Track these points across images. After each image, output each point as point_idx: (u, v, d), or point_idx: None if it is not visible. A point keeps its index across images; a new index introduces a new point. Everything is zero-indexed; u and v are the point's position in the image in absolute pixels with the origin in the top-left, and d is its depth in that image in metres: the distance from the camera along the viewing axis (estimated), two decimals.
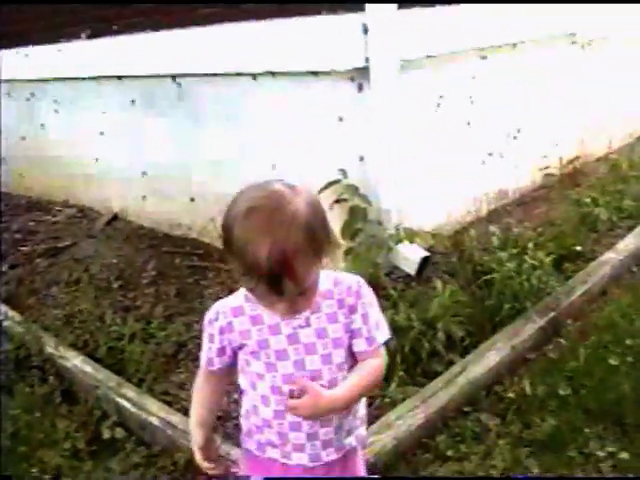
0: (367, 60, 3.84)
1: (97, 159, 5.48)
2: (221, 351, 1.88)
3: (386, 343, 1.93)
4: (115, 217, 5.41)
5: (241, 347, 1.84)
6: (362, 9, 3.79)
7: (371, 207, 3.92)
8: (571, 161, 5.15)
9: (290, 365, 1.82)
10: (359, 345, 1.85)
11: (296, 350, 1.81)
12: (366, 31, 3.80)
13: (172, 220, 4.99)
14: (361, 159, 3.98)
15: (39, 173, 6.19)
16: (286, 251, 1.57)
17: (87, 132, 5.50)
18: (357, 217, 3.88)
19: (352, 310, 1.83)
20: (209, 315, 1.88)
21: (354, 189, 3.89)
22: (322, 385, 1.80)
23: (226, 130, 4.47)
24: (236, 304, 1.82)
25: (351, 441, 1.95)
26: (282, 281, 1.60)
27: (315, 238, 1.63)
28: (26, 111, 6.13)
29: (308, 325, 1.80)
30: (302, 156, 4.05)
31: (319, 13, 3.82)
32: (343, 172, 3.89)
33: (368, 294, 1.86)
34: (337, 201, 3.89)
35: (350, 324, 1.83)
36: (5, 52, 5.82)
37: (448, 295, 3.48)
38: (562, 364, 3.31)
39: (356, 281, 1.85)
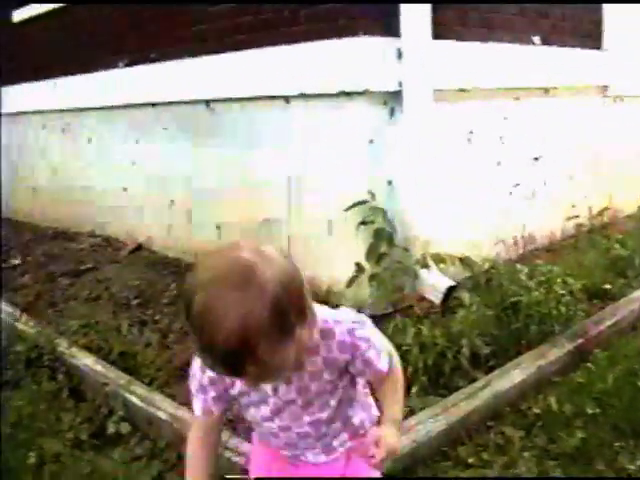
0: (400, 84, 3.86)
1: (125, 189, 5.50)
2: (217, 399, 1.74)
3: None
4: (139, 247, 5.39)
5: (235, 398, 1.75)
6: (398, 35, 3.84)
7: (397, 232, 3.87)
8: (601, 212, 5.09)
9: (287, 418, 1.75)
10: (366, 377, 1.78)
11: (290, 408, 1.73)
12: (400, 56, 3.84)
13: (198, 249, 4.95)
14: (389, 183, 3.95)
15: (67, 204, 6.23)
16: (247, 334, 1.36)
17: (119, 161, 5.54)
18: (382, 240, 3.83)
19: (348, 363, 1.69)
20: (193, 370, 1.73)
21: (381, 212, 3.85)
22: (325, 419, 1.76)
23: (257, 154, 4.47)
24: None
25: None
26: (242, 365, 1.42)
27: (284, 316, 1.41)
28: (59, 142, 6.21)
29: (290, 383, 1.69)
30: (331, 176, 4.02)
31: (354, 35, 3.86)
32: (371, 194, 3.85)
33: (364, 337, 1.68)
34: (363, 222, 3.85)
35: (341, 375, 1.73)
36: (41, 83, 5.95)
37: (474, 311, 3.37)
38: (590, 386, 3.18)
39: (347, 330, 1.66)
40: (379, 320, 3.63)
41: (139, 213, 5.45)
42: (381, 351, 1.72)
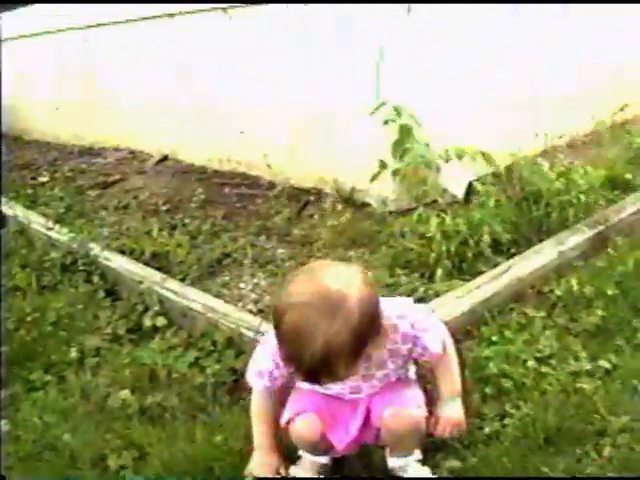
0: None
1: (149, 100, 5.52)
2: (281, 377, 2.03)
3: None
4: (166, 158, 5.45)
5: None
6: None
7: (421, 127, 3.90)
8: (622, 108, 5.05)
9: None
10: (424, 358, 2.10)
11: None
12: None
13: (222, 156, 5.02)
14: (411, 79, 3.96)
15: (92, 121, 6.27)
16: (330, 356, 1.62)
17: (142, 72, 5.52)
18: (406, 136, 3.86)
19: (410, 350, 1.99)
20: (263, 354, 2.03)
21: (404, 109, 3.87)
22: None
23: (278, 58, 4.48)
24: None
25: None
26: (320, 377, 1.71)
27: (362, 341, 1.67)
28: (80, 57, 6.20)
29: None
30: (353, 76, 4.03)
31: None
32: (395, 92, 3.86)
33: (423, 328, 1.97)
34: (386, 122, 3.87)
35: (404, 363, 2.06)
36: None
37: (494, 200, 3.43)
38: (610, 270, 3.23)
39: (410, 324, 1.94)
40: (403, 214, 3.72)
41: (163, 124, 5.48)
42: (436, 337, 2.00)
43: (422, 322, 1.97)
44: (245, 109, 4.71)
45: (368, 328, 1.67)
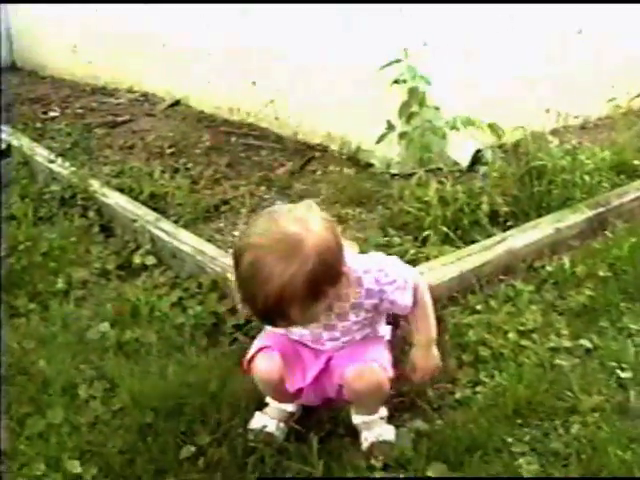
0: None
1: (164, 44, 5.49)
2: None
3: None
4: (177, 102, 5.42)
5: None
6: None
7: (430, 92, 3.85)
8: (639, 94, 4.97)
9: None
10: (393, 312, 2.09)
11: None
12: None
13: (232, 105, 4.99)
14: (425, 44, 3.91)
15: (106, 60, 6.23)
16: (283, 300, 1.63)
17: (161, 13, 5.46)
18: (414, 99, 3.82)
19: (376, 305, 1.96)
20: None
21: (414, 71, 3.82)
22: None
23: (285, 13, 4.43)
24: None
25: None
26: (275, 321, 1.76)
27: (317, 288, 1.67)
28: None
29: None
30: (363, 36, 3.99)
31: None
32: (405, 52, 3.81)
33: (389, 282, 1.92)
34: (396, 81, 3.83)
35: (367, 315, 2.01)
36: None
37: (497, 170, 3.40)
38: (605, 252, 3.20)
39: (375, 280, 1.90)
40: (406, 178, 3.70)
41: (177, 68, 5.44)
42: (405, 289, 1.94)
43: (389, 276, 1.91)
44: (257, 60, 4.66)
45: (324, 275, 1.67)
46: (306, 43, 4.31)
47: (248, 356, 2.05)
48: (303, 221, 1.67)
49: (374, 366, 1.97)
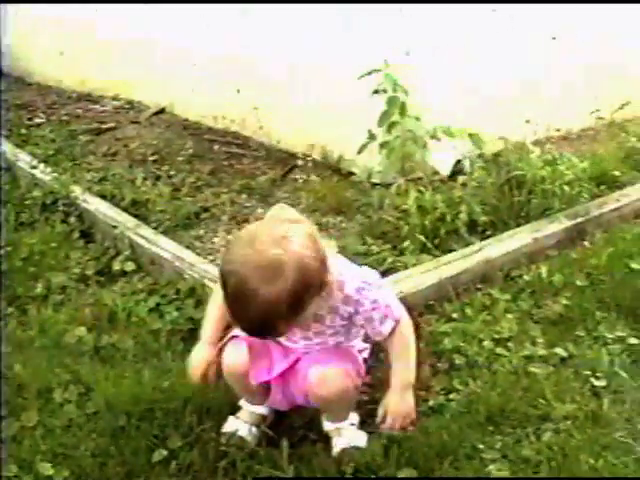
0: None
1: (150, 52, 5.49)
2: None
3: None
4: (162, 110, 5.43)
5: None
6: None
7: (410, 102, 3.86)
8: (622, 106, 5.00)
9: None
10: (367, 332, 2.07)
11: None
12: None
13: (217, 114, 5.01)
14: (407, 54, 3.94)
15: (92, 68, 6.22)
16: (269, 319, 1.73)
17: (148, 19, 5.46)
18: (395, 108, 3.83)
19: (351, 315, 1.97)
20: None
21: (395, 81, 3.84)
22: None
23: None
24: None
25: None
26: (262, 336, 1.89)
27: (302, 304, 1.74)
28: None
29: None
30: (344, 45, 4.01)
31: None
32: (386, 62, 3.83)
33: (370, 298, 1.93)
34: (376, 91, 3.85)
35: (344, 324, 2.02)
36: None
37: (476, 179, 3.42)
38: (583, 262, 3.23)
39: (356, 289, 1.92)
40: (387, 188, 3.71)
41: (162, 77, 5.45)
42: (387, 317, 1.95)
43: (372, 293, 1.93)
44: (242, 68, 4.67)
45: (307, 290, 1.72)
46: (290, 53, 4.33)
47: (220, 344, 2.08)
48: (283, 241, 1.71)
49: (338, 371, 1.98)
